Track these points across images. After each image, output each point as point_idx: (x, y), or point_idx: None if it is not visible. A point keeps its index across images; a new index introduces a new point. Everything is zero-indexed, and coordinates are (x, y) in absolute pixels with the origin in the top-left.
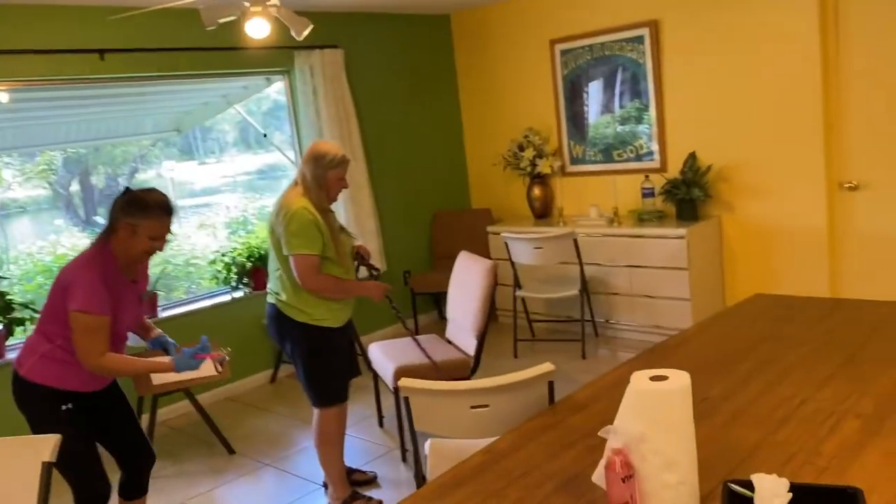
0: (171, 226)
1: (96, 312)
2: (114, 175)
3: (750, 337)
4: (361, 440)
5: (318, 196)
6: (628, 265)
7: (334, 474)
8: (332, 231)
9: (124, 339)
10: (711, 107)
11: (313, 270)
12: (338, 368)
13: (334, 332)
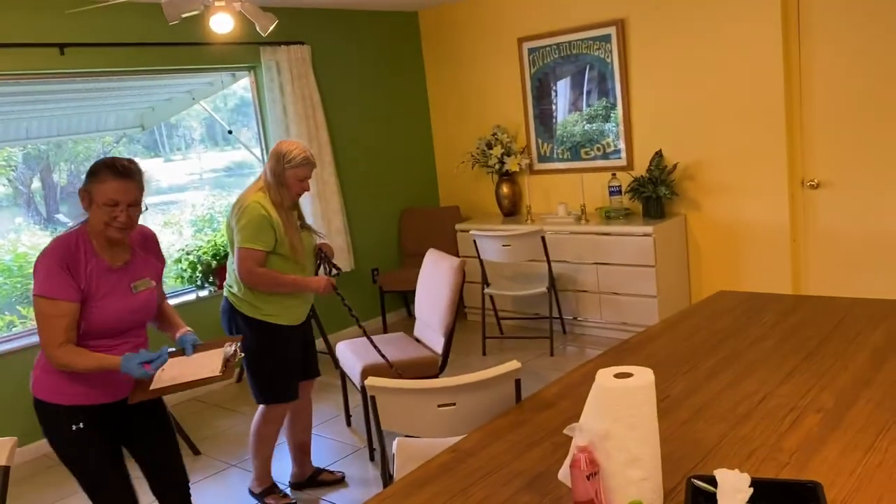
0: (130, 190)
1: (52, 296)
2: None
3: (713, 334)
4: (329, 439)
5: (278, 193)
6: (595, 262)
7: (259, 466)
8: (288, 228)
9: (116, 331)
10: (677, 106)
11: (253, 265)
12: (286, 368)
13: (287, 329)
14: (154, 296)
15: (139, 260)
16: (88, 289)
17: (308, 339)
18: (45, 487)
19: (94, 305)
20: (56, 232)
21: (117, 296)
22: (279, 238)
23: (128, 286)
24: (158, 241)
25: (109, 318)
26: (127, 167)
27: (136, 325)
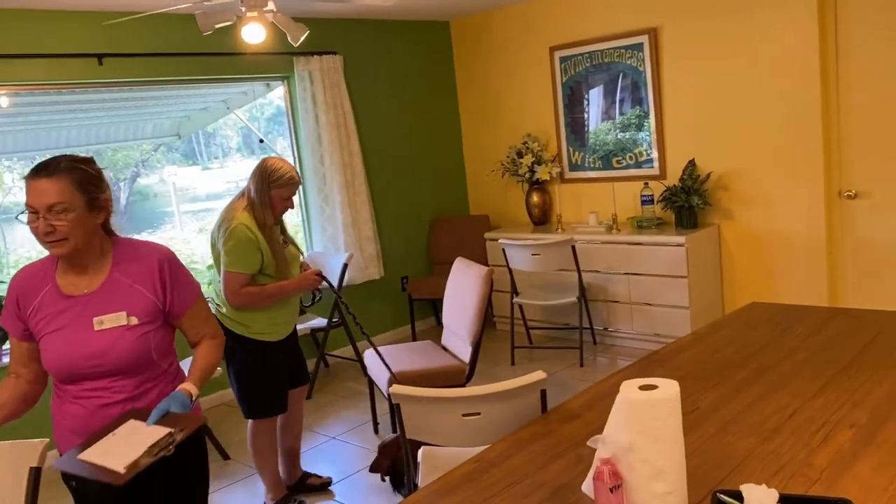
0: (45, 192)
1: (3, 326)
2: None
3: (745, 346)
4: (356, 446)
5: (261, 212)
6: (627, 273)
7: (267, 479)
8: (274, 248)
9: (76, 377)
10: (711, 114)
11: (238, 287)
12: (274, 382)
13: (273, 345)
14: (133, 338)
15: (118, 288)
16: (36, 322)
17: (295, 348)
18: None
19: (42, 342)
20: None
21: (68, 332)
22: (266, 260)
23: (88, 321)
24: (176, 269)
25: (57, 360)
26: (45, 163)
27: (105, 373)
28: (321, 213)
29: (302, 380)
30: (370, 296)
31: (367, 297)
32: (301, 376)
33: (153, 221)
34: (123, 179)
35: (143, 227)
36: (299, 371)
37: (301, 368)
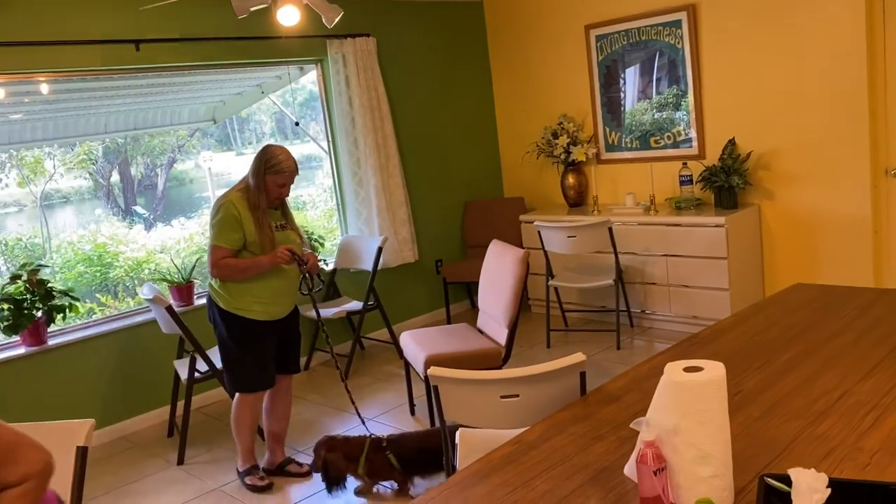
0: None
1: None
2: (152, 165)
3: (789, 327)
4: (393, 428)
5: (256, 196)
6: (665, 254)
7: (241, 448)
8: (260, 229)
9: None
10: (752, 92)
11: (217, 259)
12: (256, 360)
13: (261, 325)
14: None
15: None
16: None
17: (291, 336)
18: (120, 469)
19: None
20: (133, 223)
21: None
22: (249, 239)
23: None
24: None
25: None
26: None
27: None
28: (355, 197)
29: (291, 369)
30: (405, 279)
31: (402, 280)
32: (291, 365)
33: (189, 207)
34: (160, 165)
35: (180, 213)
36: (290, 360)
37: (293, 358)
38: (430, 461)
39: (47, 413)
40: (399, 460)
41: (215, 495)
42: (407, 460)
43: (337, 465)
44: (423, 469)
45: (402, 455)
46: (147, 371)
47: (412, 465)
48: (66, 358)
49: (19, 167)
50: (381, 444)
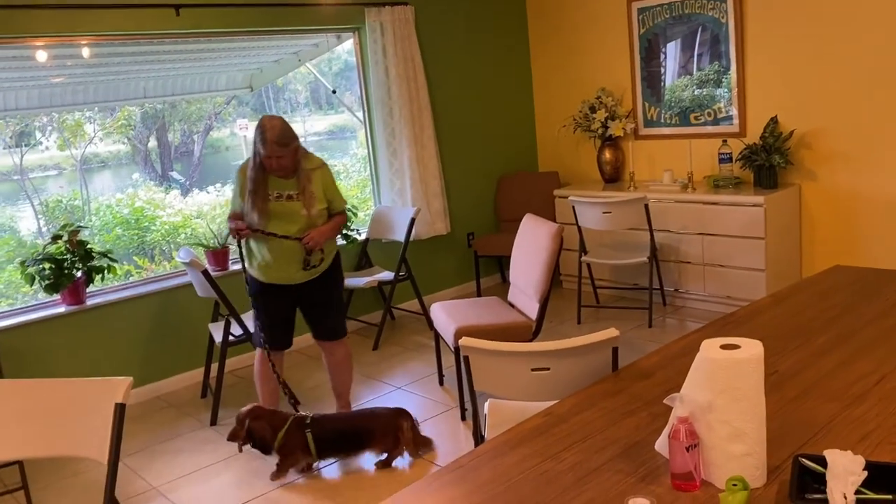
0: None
1: None
2: (189, 131)
3: (827, 310)
4: (421, 397)
5: (253, 165)
6: (701, 233)
7: (259, 398)
8: (255, 194)
9: None
10: (797, 69)
11: (227, 219)
12: (263, 319)
13: (265, 286)
14: None
15: None
16: None
17: (314, 304)
18: (156, 427)
19: None
20: (171, 189)
21: None
22: (239, 197)
23: None
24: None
25: None
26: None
27: None
28: (389, 168)
29: (324, 334)
30: (436, 251)
31: (433, 252)
32: (323, 331)
33: (225, 174)
34: (197, 132)
35: (215, 180)
36: (316, 326)
37: (320, 325)
38: (347, 445)
39: (86, 370)
40: (317, 441)
41: (247, 456)
42: (325, 440)
43: (261, 434)
44: (339, 451)
45: (322, 436)
46: (182, 333)
47: (329, 446)
48: (104, 318)
49: (60, 130)
50: (304, 421)
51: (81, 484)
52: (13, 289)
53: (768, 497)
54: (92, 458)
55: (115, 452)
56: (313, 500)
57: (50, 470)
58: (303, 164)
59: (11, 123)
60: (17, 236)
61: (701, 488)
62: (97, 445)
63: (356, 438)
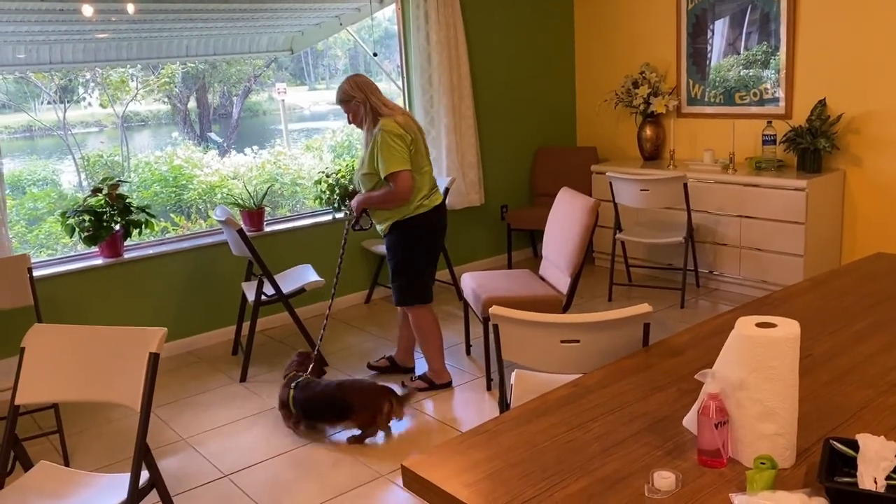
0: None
1: None
2: (228, 93)
3: (867, 296)
4: (448, 366)
5: None
6: (740, 215)
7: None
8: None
9: None
10: (849, 51)
11: None
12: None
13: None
14: None
15: None
16: None
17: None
18: (187, 381)
19: None
20: (209, 149)
21: None
22: None
23: None
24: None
25: None
26: None
27: None
28: (426, 136)
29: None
30: (469, 222)
31: (466, 223)
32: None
33: (262, 138)
34: (236, 94)
35: (252, 143)
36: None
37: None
38: (325, 414)
39: (120, 322)
40: (297, 402)
41: (275, 413)
42: (306, 404)
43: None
44: (317, 418)
45: (303, 399)
46: (216, 291)
47: (309, 410)
48: (140, 271)
49: (104, 86)
50: (293, 380)
51: (114, 430)
52: (54, 240)
53: (796, 478)
54: (125, 404)
55: (147, 400)
56: (335, 460)
57: (84, 416)
58: (370, 124)
59: (56, 77)
60: (58, 189)
61: (728, 466)
62: (130, 393)
63: (334, 409)
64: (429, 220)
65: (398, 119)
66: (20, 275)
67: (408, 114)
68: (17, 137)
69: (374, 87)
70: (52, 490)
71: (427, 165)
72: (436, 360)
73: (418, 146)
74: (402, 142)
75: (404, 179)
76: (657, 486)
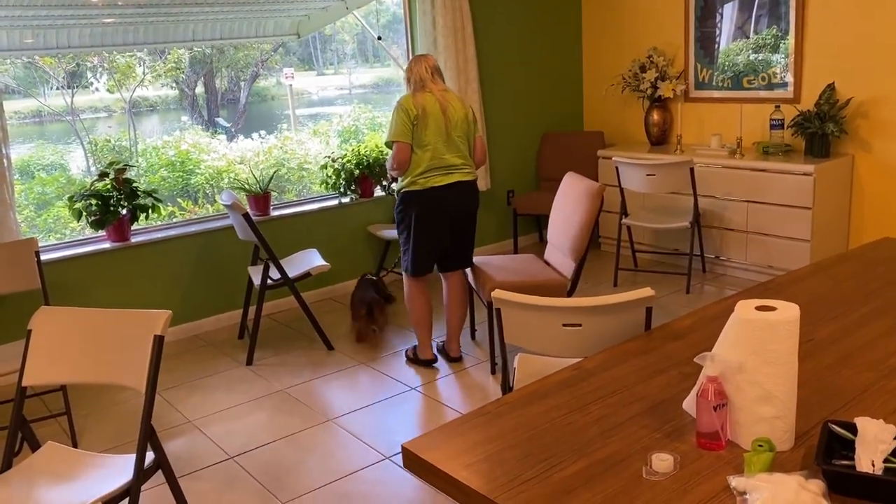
0: None
1: None
2: (236, 78)
3: (871, 280)
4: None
5: None
6: (746, 200)
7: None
8: None
9: None
10: (859, 35)
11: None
12: None
13: None
14: None
15: None
16: None
17: None
18: (194, 364)
19: None
20: (216, 134)
21: None
22: None
23: None
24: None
25: None
26: None
27: None
28: None
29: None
30: None
31: None
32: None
33: (269, 123)
34: (244, 79)
35: (259, 128)
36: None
37: None
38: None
39: (127, 306)
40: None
41: (280, 396)
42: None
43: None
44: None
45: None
46: (222, 275)
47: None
48: (147, 255)
49: (111, 71)
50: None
51: (121, 412)
52: (62, 224)
53: (794, 460)
54: (131, 386)
55: (152, 382)
56: (339, 442)
57: (92, 398)
58: None
59: (63, 62)
60: (67, 174)
61: (726, 448)
62: (136, 375)
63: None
64: (421, 199)
65: (416, 96)
66: (28, 258)
67: (441, 93)
68: (26, 122)
69: (417, 67)
70: (58, 470)
71: (432, 143)
72: (419, 336)
73: (426, 123)
74: (407, 116)
75: (397, 150)
76: (655, 467)
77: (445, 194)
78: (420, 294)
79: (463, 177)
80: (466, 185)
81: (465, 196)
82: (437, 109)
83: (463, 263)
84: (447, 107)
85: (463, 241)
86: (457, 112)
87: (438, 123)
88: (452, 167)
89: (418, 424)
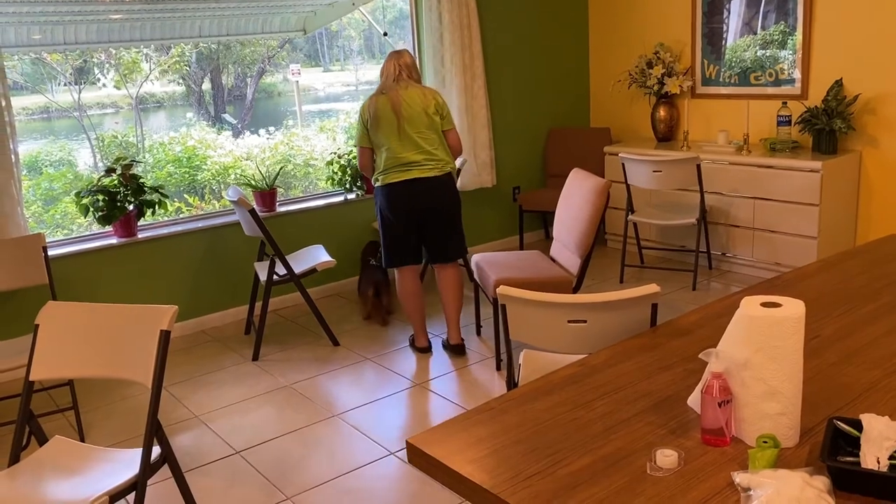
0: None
1: None
2: (242, 74)
3: (878, 278)
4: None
5: None
6: (753, 197)
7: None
8: None
9: None
10: (867, 31)
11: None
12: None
13: None
14: None
15: None
16: None
17: None
18: (200, 359)
19: None
20: (223, 130)
21: None
22: None
23: None
24: None
25: None
26: None
27: None
28: None
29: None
30: (480, 203)
31: (478, 204)
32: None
33: (276, 119)
34: (250, 76)
35: (266, 124)
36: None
37: None
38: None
39: (134, 301)
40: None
41: (286, 391)
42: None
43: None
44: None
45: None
46: (228, 270)
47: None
48: (153, 251)
49: (117, 67)
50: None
51: (128, 407)
52: (69, 220)
53: (799, 457)
54: (138, 381)
55: (158, 377)
56: (345, 438)
57: (99, 393)
58: None
59: (71, 58)
60: (74, 170)
61: (731, 444)
62: (143, 369)
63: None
64: (383, 195)
65: (372, 99)
66: (35, 254)
67: (395, 93)
68: (34, 119)
69: (387, 66)
70: (65, 464)
71: (386, 143)
72: (412, 324)
73: (378, 125)
74: (361, 121)
75: (357, 153)
76: (659, 463)
77: (402, 191)
78: (406, 285)
79: (423, 173)
80: (428, 182)
81: (427, 192)
82: (387, 110)
83: (444, 258)
84: (399, 106)
85: (438, 237)
86: (412, 108)
87: (390, 124)
88: (411, 164)
89: (423, 420)
